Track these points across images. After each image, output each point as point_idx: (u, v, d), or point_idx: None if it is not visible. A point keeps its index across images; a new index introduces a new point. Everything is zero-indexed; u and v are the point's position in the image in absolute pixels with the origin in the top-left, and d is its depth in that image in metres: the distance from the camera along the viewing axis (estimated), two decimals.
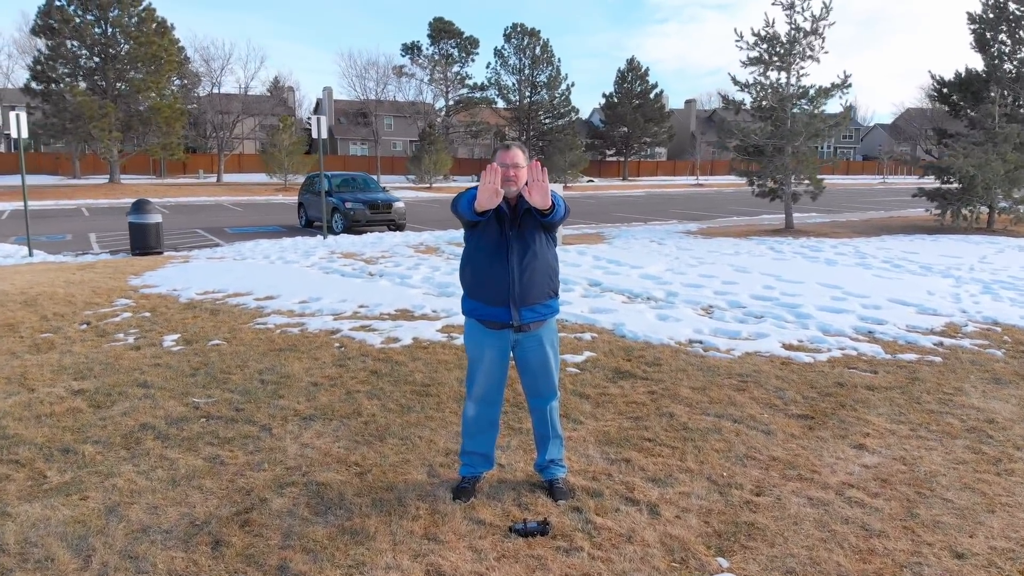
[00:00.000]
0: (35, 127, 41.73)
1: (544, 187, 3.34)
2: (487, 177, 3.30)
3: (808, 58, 17.47)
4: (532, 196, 3.36)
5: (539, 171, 3.34)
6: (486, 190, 3.30)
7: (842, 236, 17.41)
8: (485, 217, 3.52)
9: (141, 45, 42.20)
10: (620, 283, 10.32)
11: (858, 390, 5.66)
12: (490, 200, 3.33)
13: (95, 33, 41.94)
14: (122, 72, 43.08)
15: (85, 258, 14.00)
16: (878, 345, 7.03)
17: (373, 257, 13.21)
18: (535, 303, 3.73)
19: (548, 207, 3.43)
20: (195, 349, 6.87)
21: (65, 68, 42.00)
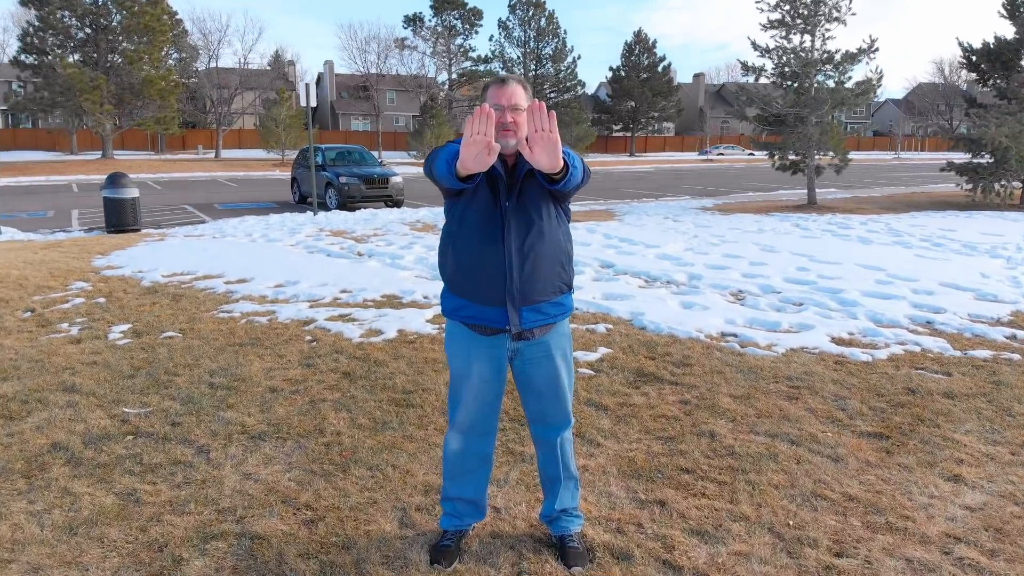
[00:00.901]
0: (25, 101, 40.61)
1: (552, 140, 2.27)
2: (475, 124, 2.23)
3: (834, 20, 16.23)
4: (535, 154, 2.30)
5: (544, 117, 2.26)
6: (474, 144, 2.25)
7: (869, 212, 16.28)
8: (472, 183, 2.47)
9: (133, 15, 40.89)
10: (636, 264, 9.26)
11: (934, 398, 4.64)
12: (479, 159, 2.27)
13: (86, 3, 40.59)
14: (114, 43, 41.78)
15: (56, 236, 12.98)
16: (942, 339, 6.00)
17: (364, 235, 12.16)
18: (541, 300, 2.70)
19: (558, 169, 2.37)
20: (143, 343, 5.88)
21: (56, 39, 40.68)
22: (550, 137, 2.27)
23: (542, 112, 2.27)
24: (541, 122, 2.27)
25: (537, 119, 2.27)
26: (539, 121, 2.27)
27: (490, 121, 2.24)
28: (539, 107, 2.27)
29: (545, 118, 2.27)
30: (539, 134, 2.27)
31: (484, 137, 2.24)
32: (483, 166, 2.31)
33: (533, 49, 64.74)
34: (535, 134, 2.28)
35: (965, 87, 77.90)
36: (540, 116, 2.27)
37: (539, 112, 2.27)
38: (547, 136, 2.27)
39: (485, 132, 2.24)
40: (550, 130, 2.27)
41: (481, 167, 2.31)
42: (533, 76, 64.06)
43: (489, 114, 2.24)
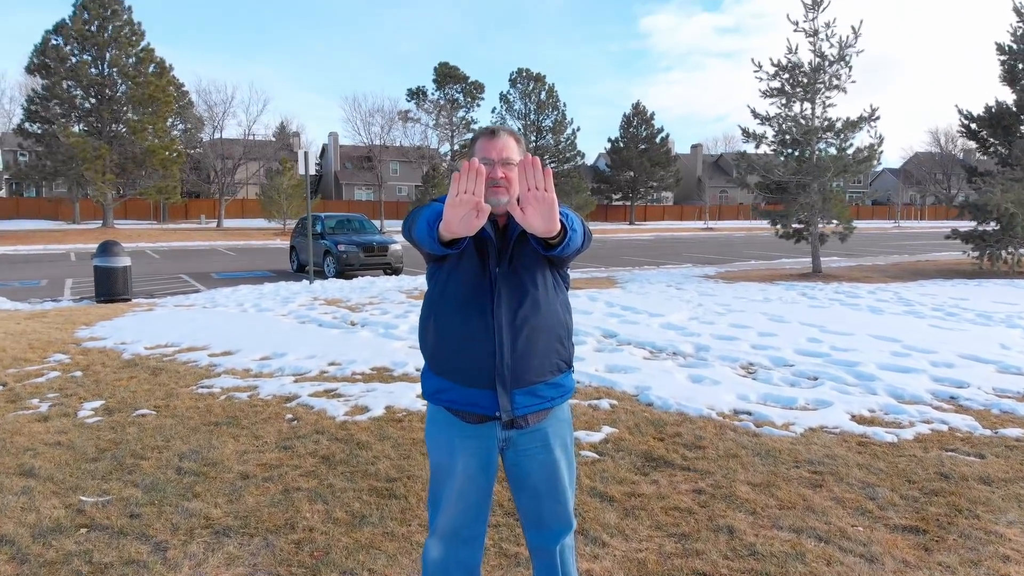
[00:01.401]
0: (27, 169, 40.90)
1: (547, 200, 1.93)
2: (461, 182, 1.90)
3: (834, 88, 16.22)
4: (528, 216, 1.96)
5: (538, 173, 1.93)
6: (460, 204, 1.91)
7: (876, 281, 15.97)
8: (457, 248, 2.12)
9: (139, 86, 41.50)
10: (640, 334, 8.89)
11: (970, 484, 4.20)
12: (465, 221, 1.94)
13: (91, 73, 41.25)
14: (119, 113, 42.32)
15: (43, 305, 12.65)
16: (970, 416, 5.58)
17: (358, 304, 11.81)
18: (536, 381, 2.33)
19: (555, 233, 2.02)
20: (113, 421, 5.47)
21: (60, 108, 41.19)
22: (545, 197, 1.93)
23: (536, 168, 1.93)
24: (535, 180, 1.92)
25: (530, 176, 1.93)
26: (533, 178, 1.92)
27: (479, 178, 1.90)
28: (532, 162, 1.93)
29: (540, 175, 1.92)
30: (532, 193, 1.93)
31: (472, 196, 1.90)
32: (470, 229, 1.96)
33: (534, 121, 65.69)
34: (528, 193, 1.93)
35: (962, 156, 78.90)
36: (534, 173, 1.93)
37: (532, 168, 1.93)
38: (542, 196, 1.92)
39: (473, 191, 1.90)
40: (545, 188, 1.92)
41: (468, 230, 1.96)
42: (534, 147, 64.81)
43: (478, 170, 1.90)
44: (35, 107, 41.01)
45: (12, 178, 56.72)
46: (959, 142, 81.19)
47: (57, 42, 40.65)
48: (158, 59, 43.99)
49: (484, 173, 1.92)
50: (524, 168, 1.94)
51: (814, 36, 16.38)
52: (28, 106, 41.54)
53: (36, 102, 41.03)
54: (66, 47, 40.71)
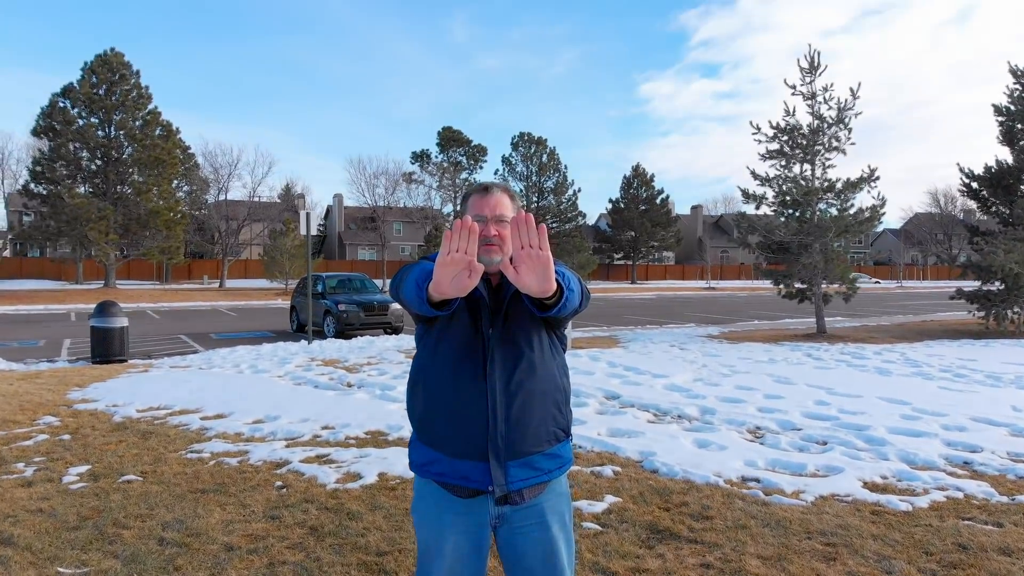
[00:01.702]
0: (30, 229, 41.13)
1: (542, 259, 1.81)
2: (453, 240, 1.79)
3: (833, 149, 16.30)
4: (521, 275, 1.83)
5: (532, 230, 1.81)
6: (451, 263, 1.80)
7: (881, 341, 15.78)
8: (447, 309, 1.99)
9: (145, 148, 42.02)
10: (643, 396, 8.69)
11: (990, 555, 3.99)
12: (457, 282, 1.82)
13: (98, 135, 41.80)
14: (124, 175, 42.76)
15: (39, 366, 12.49)
16: (985, 482, 5.37)
17: (356, 364, 11.63)
18: (533, 452, 2.17)
19: (550, 293, 1.89)
20: (98, 487, 5.27)
21: (66, 170, 41.63)
22: (539, 255, 1.81)
23: (529, 225, 1.81)
24: (528, 237, 1.81)
25: (523, 233, 1.81)
26: (526, 236, 1.81)
27: (472, 236, 1.79)
28: (525, 219, 1.82)
29: (534, 232, 1.81)
30: (526, 251, 1.81)
31: (464, 255, 1.78)
32: (462, 290, 1.84)
33: (535, 183, 66.44)
34: (521, 252, 1.81)
35: (962, 216, 79.46)
36: (527, 230, 1.81)
37: (525, 225, 1.81)
38: (536, 254, 1.81)
39: (467, 249, 1.79)
40: (539, 247, 1.81)
41: (460, 291, 1.84)
42: (535, 208, 65.36)
43: (471, 228, 1.78)
44: (40, 168, 41.44)
45: (16, 238, 57.13)
46: (959, 202, 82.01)
47: (64, 105, 41.30)
48: (165, 122, 44.65)
49: (477, 231, 1.81)
50: (517, 225, 1.83)
51: (812, 99, 16.55)
52: (34, 167, 41.99)
53: (42, 163, 41.48)
54: (73, 110, 41.36)
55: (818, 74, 16.59)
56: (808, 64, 16.65)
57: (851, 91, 16.07)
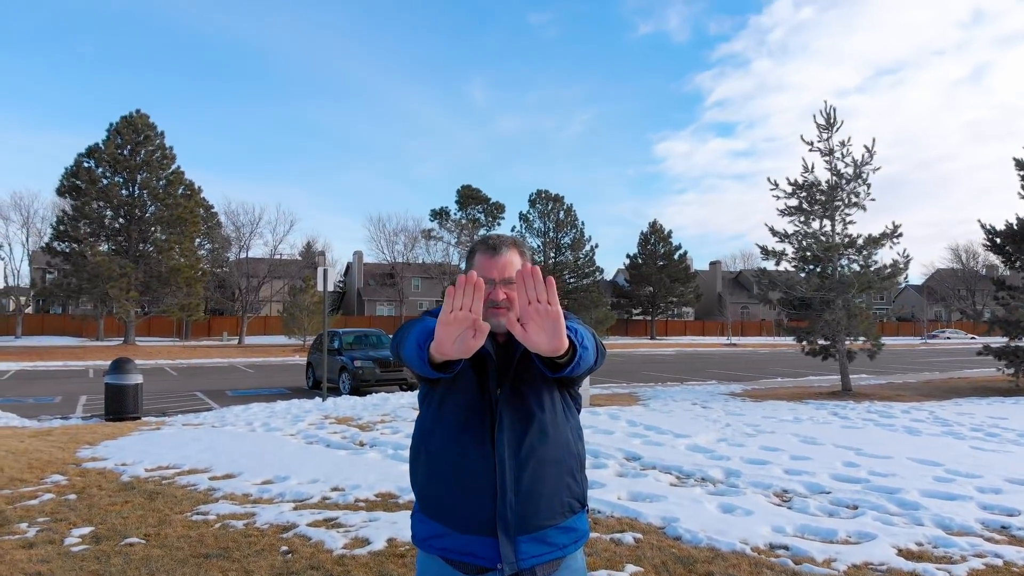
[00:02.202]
0: (52, 287, 41.60)
1: (551, 315, 1.66)
2: (456, 297, 1.65)
3: (853, 205, 16.15)
4: (529, 333, 1.69)
5: (540, 285, 1.67)
6: (455, 322, 1.65)
7: (909, 399, 15.37)
8: (449, 372, 1.82)
9: (168, 207, 42.67)
10: (665, 457, 8.41)
11: None
12: (461, 342, 1.67)
13: (122, 195, 42.52)
14: (147, 233, 43.36)
15: (51, 423, 12.40)
16: None
17: (370, 423, 11.43)
18: (546, 525, 1.98)
19: (563, 351, 1.72)
20: (99, 551, 5.09)
21: (89, 228, 42.28)
22: (548, 310, 1.65)
23: (536, 278, 1.67)
24: (536, 291, 1.66)
25: (530, 288, 1.67)
26: (532, 290, 1.66)
27: (478, 293, 1.64)
28: (532, 272, 1.67)
29: (541, 286, 1.66)
30: (533, 307, 1.66)
31: (469, 314, 1.64)
32: (466, 351, 1.68)
33: (553, 239, 66.66)
34: (528, 307, 1.67)
35: (984, 271, 78.68)
36: (534, 284, 1.67)
37: (532, 279, 1.67)
38: (544, 309, 1.66)
39: (471, 307, 1.64)
40: (548, 301, 1.65)
41: (463, 352, 1.69)
42: (552, 264, 65.45)
43: (477, 284, 1.64)
44: (64, 227, 42.12)
45: (39, 295, 57.87)
46: (981, 257, 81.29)
47: (89, 165, 42.15)
48: (188, 182, 45.40)
49: (483, 288, 1.66)
50: (523, 279, 1.68)
51: (830, 155, 16.48)
52: (57, 226, 42.68)
53: (65, 222, 42.18)
54: (98, 169, 42.18)
55: (835, 130, 16.55)
56: (825, 120, 16.63)
57: (866, 148, 15.98)
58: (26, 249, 56.99)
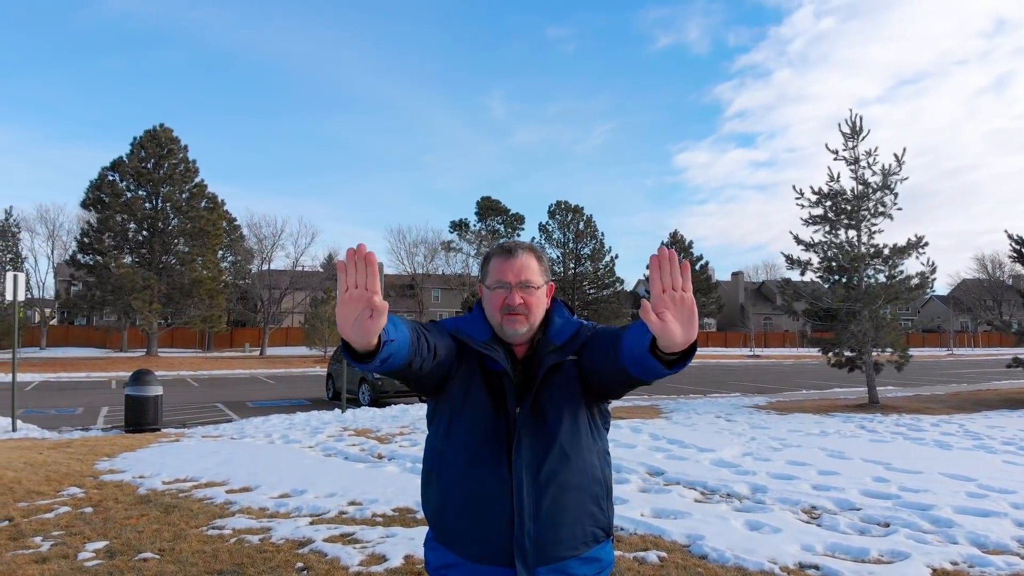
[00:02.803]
0: (76, 298, 42.04)
1: (687, 304, 1.50)
2: (348, 275, 1.47)
3: (880, 214, 15.87)
4: (666, 324, 1.49)
5: (677, 270, 1.50)
6: (349, 302, 1.48)
7: (937, 412, 15.04)
8: (372, 361, 1.58)
9: (191, 220, 43.03)
10: (688, 471, 8.23)
11: None
12: (359, 324, 1.48)
13: (146, 208, 42.94)
14: (170, 245, 43.73)
15: (71, 435, 12.42)
16: None
17: (389, 435, 11.33)
18: (566, 556, 1.85)
19: (689, 344, 1.55)
20: (113, 566, 5.02)
21: (112, 240, 42.72)
22: (685, 299, 1.49)
23: (673, 263, 1.50)
24: (673, 278, 1.49)
25: (666, 273, 1.49)
26: (668, 276, 1.50)
27: (370, 268, 1.45)
28: (670, 257, 1.50)
29: (677, 271, 1.49)
30: (668, 295, 1.49)
31: (364, 291, 1.45)
32: (365, 334, 1.49)
33: (572, 249, 66.43)
34: (663, 296, 1.49)
35: (1011, 281, 77.38)
36: (672, 269, 1.50)
37: (670, 263, 1.50)
38: (680, 298, 1.49)
39: (366, 284, 1.46)
40: (683, 289, 1.49)
41: (363, 336, 1.49)
42: (572, 275, 65.26)
43: (366, 257, 1.45)
44: (88, 239, 42.60)
45: (63, 307, 58.55)
46: (1007, 268, 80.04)
47: (113, 178, 42.62)
48: (211, 194, 45.77)
49: (374, 261, 1.47)
50: (659, 263, 1.51)
51: (855, 164, 16.22)
52: (81, 238, 43.17)
53: (89, 234, 42.66)
54: (122, 183, 42.63)
55: (860, 139, 16.31)
56: (850, 129, 16.39)
57: (896, 156, 15.72)
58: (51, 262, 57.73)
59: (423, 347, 1.75)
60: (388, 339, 1.56)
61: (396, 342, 1.60)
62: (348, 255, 1.46)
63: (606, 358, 1.80)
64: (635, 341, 1.66)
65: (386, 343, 1.56)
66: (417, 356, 1.72)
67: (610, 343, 1.81)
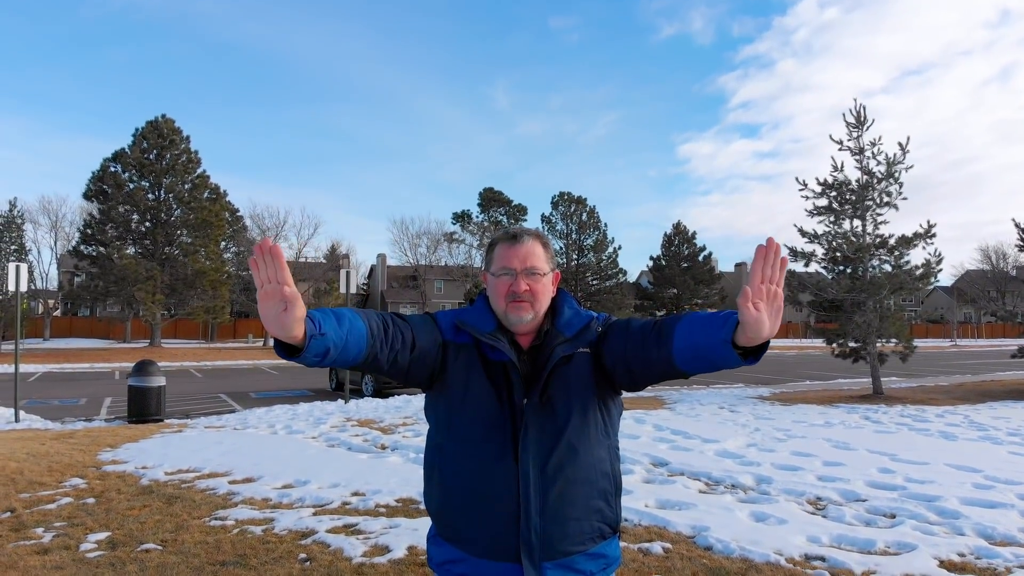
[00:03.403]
0: (79, 289, 42.07)
1: (779, 300, 1.49)
2: (260, 270, 1.45)
3: (885, 204, 15.78)
4: (761, 316, 1.48)
5: (776, 264, 1.49)
6: (265, 298, 1.45)
7: (942, 403, 14.99)
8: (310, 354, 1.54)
9: (193, 211, 43.01)
10: (693, 462, 8.19)
11: None
12: (275, 321, 1.45)
13: (148, 199, 42.92)
14: (172, 236, 43.74)
15: (74, 425, 12.42)
16: None
17: (392, 425, 11.31)
18: (573, 552, 1.80)
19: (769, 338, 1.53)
20: (115, 557, 5.00)
21: (115, 232, 42.73)
22: (778, 294, 1.48)
23: (777, 256, 1.48)
24: (773, 270, 1.48)
25: (768, 266, 1.48)
26: (770, 270, 1.48)
27: (277, 260, 1.43)
28: (776, 249, 1.48)
29: (779, 267, 1.48)
30: (766, 287, 1.48)
31: (277, 286, 1.42)
32: (284, 328, 1.45)
33: (575, 240, 66.31)
34: (760, 287, 1.47)
35: (1015, 272, 77.13)
36: (774, 263, 1.48)
37: (774, 256, 1.48)
38: (775, 292, 1.48)
39: (276, 278, 1.43)
40: (778, 283, 1.48)
41: (281, 330, 1.46)
42: (575, 266, 65.18)
43: (272, 250, 1.43)
44: (91, 230, 42.61)
45: (66, 298, 58.64)
46: (1011, 258, 79.81)
47: (115, 169, 42.59)
48: (213, 185, 45.73)
49: (279, 254, 1.44)
50: (763, 255, 1.48)
51: (860, 154, 16.11)
52: (84, 229, 43.19)
53: (92, 225, 42.67)
54: (124, 174, 42.60)
55: (865, 128, 16.19)
56: (855, 119, 16.27)
57: (900, 146, 15.59)
58: (54, 253, 57.83)
59: (394, 339, 1.73)
60: (315, 333, 1.52)
61: (330, 337, 1.55)
62: (256, 251, 1.43)
63: (643, 349, 1.76)
64: (702, 333, 1.63)
65: (312, 336, 1.51)
66: (384, 348, 1.70)
67: (646, 335, 1.77)
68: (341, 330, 1.59)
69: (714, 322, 1.59)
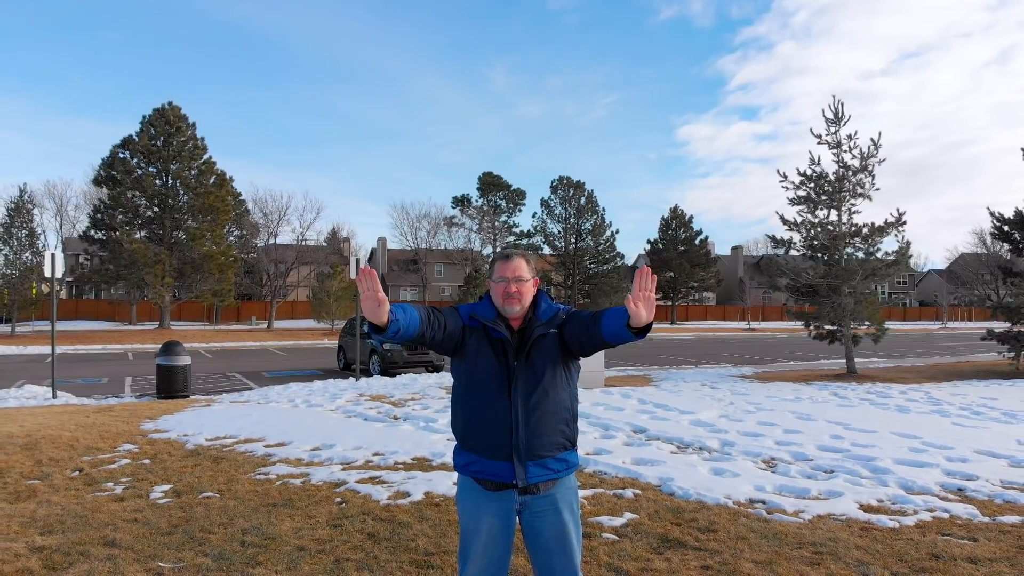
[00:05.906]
0: (90, 273, 43.08)
1: (652, 300, 2.60)
2: (363, 284, 2.51)
3: (859, 195, 16.86)
4: (640, 310, 2.58)
5: (649, 280, 2.60)
6: (365, 299, 2.52)
7: (910, 381, 16.13)
8: (389, 332, 2.60)
9: (199, 196, 43.98)
10: (669, 430, 9.32)
11: (958, 563, 4.56)
12: (371, 310, 2.52)
13: (156, 184, 43.93)
14: (179, 221, 44.74)
15: (108, 401, 13.52)
16: (972, 505, 5.92)
17: (401, 400, 12.46)
18: (546, 456, 2.90)
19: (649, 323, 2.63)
20: (182, 502, 6.08)
21: (124, 216, 43.79)
22: (651, 298, 2.58)
23: (651, 279, 2.60)
24: (646, 284, 2.58)
25: (644, 282, 2.58)
26: (645, 283, 2.58)
27: (371, 279, 2.50)
28: (650, 275, 2.60)
29: (652, 284, 2.60)
30: (643, 294, 2.57)
31: (373, 293, 2.49)
32: (376, 316, 2.52)
33: (573, 224, 67.28)
34: (640, 293, 2.57)
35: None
36: (646, 279, 2.58)
37: (647, 277, 2.59)
38: (649, 296, 2.57)
39: (374, 289, 2.49)
40: (651, 291, 2.58)
41: (375, 317, 2.52)
42: (573, 249, 66.14)
43: (368, 272, 2.51)
44: (100, 215, 43.67)
45: (76, 281, 59.69)
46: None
47: (124, 156, 43.61)
48: (218, 171, 46.69)
49: (375, 276, 2.52)
50: (641, 276, 2.59)
51: (837, 148, 17.17)
52: (94, 214, 44.26)
53: (102, 211, 43.72)
54: (132, 160, 43.61)
55: (842, 124, 17.22)
56: (833, 115, 17.31)
57: (872, 141, 16.68)
58: (59, 236, 58.67)
59: (435, 324, 2.83)
60: (394, 319, 2.61)
61: (400, 321, 2.64)
62: (361, 272, 2.52)
63: (585, 331, 2.84)
64: (613, 321, 2.73)
65: (392, 321, 2.61)
66: (428, 329, 2.80)
67: (588, 321, 2.87)
68: (407, 318, 2.68)
69: (620, 314, 2.69)
